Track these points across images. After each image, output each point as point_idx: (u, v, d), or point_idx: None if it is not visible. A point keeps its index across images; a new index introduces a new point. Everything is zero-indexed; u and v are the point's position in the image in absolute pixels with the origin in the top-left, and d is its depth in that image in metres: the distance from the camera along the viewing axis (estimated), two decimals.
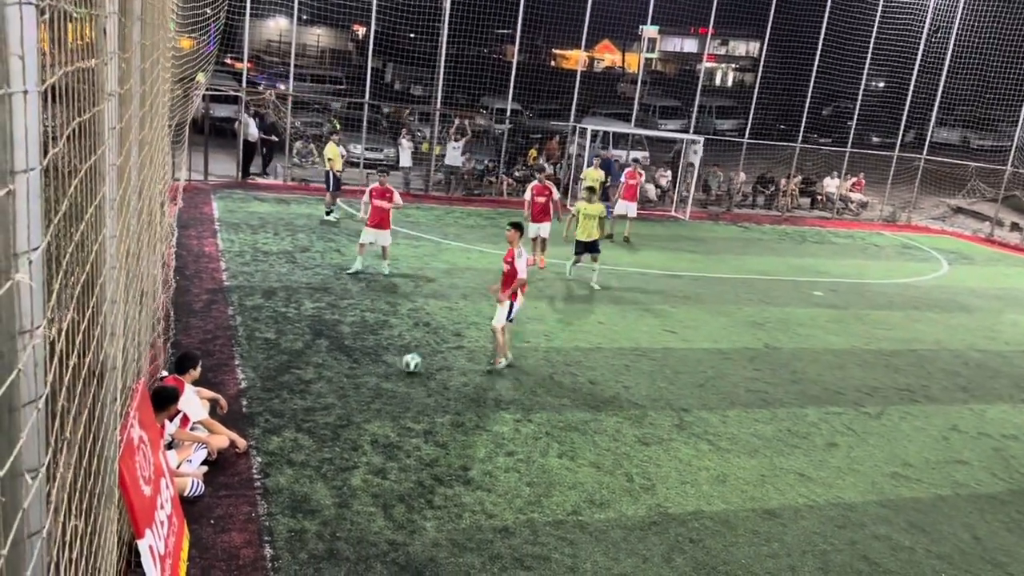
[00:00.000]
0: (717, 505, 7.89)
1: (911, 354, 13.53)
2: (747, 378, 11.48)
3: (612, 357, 11.62)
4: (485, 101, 27.28)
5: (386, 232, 14.40)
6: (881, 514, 8.13)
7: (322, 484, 7.40)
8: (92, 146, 3.40)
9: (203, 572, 6.04)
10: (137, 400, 5.69)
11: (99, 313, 3.52)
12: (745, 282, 17.41)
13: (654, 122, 32.29)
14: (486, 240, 18.39)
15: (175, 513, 6.10)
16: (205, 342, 10.40)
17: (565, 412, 9.59)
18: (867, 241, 24.74)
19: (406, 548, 6.59)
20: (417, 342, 11.24)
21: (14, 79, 1.65)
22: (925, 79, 28.20)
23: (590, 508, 7.55)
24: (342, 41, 40.42)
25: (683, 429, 9.52)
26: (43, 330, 1.89)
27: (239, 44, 23.05)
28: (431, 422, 8.91)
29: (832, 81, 28.00)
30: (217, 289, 12.59)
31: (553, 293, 14.57)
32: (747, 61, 51.73)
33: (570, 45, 34.67)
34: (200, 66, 17.87)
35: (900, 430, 10.33)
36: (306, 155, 23.66)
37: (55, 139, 2.43)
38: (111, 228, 3.85)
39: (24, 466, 1.83)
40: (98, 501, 3.48)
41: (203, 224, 16.76)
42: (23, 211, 1.74)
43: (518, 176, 25.51)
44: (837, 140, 29.74)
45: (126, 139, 4.80)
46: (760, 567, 6.96)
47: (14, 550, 1.81)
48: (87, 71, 3.38)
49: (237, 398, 8.91)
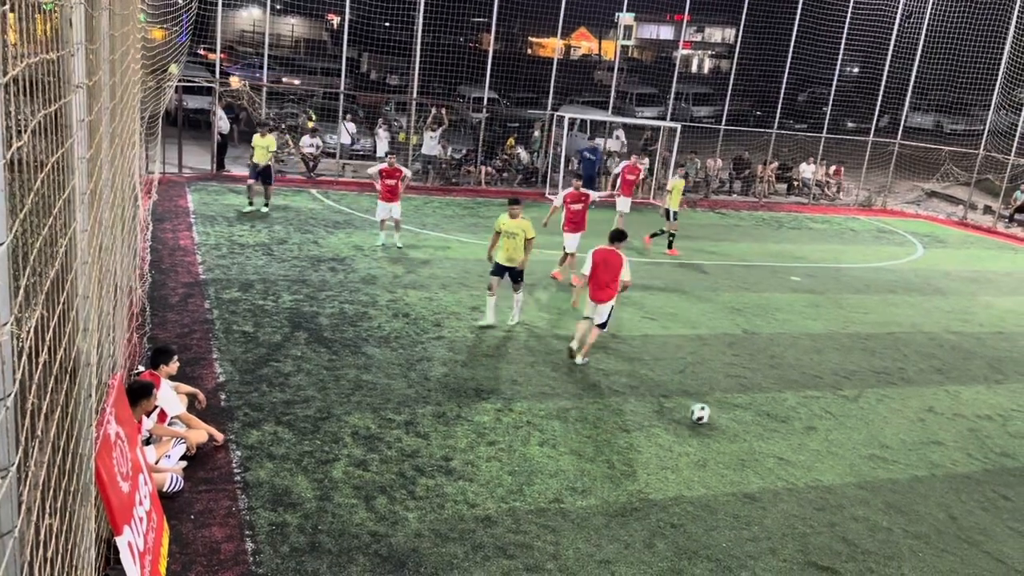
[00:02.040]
0: (698, 490, 7.95)
1: (888, 337, 13.68)
2: (726, 363, 11.56)
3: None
4: (462, 90, 27.15)
5: (397, 205, 15.77)
6: (859, 496, 8.23)
7: (303, 477, 7.36)
8: (61, 139, 3.34)
9: (184, 568, 5.99)
10: (113, 396, 5.63)
11: (71, 308, 3.47)
12: (723, 268, 17.50)
13: (631, 110, 32.31)
14: (465, 230, 18.35)
15: (154, 509, 6.05)
16: (182, 336, 10.30)
17: (546, 401, 9.60)
18: (843, 226, 24.94)
19: (388, 539, 6.58)
20: (397, 333, 11.20)
21: None
22: (899, 64, 28.43)
23: (572, 495, 7.58)
24: (316, 31, 40.04)
25: (663, 415, 9.57)
26: (10, 327, 1.85)
27: (211, 35, 22.76)
28: (412, 413, 8.89)
29: (807, 67, 28.14)
30: (193, 283, 12.46)
31: (533, 281, 14.56)
32: (723, 48, 51.84)
33: (546, 33, 34.56)
34: (172, 57, 17.65)
35: (877, 412, 10.44)
36: (281, 146, 23.45)
37: (20, 133, 2.37)
38: (82, 222, 3.79)
39: None
40: (74, 499, 3.44)
41: (178, 217, 16.58)
42: None
43: (497, 165, 25.45)
44: (813, 126, 29.94)
45: (96, 132, 4.72)
46: (741, 551, 7.02)
47: None
48: (54, 63, 3.31)
49: (215, 392, 8.83)
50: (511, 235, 11.76)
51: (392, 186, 15.61)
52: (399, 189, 15.69)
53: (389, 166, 15.77)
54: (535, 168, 25.88)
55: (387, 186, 15.60)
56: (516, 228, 11.81)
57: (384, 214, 15.82)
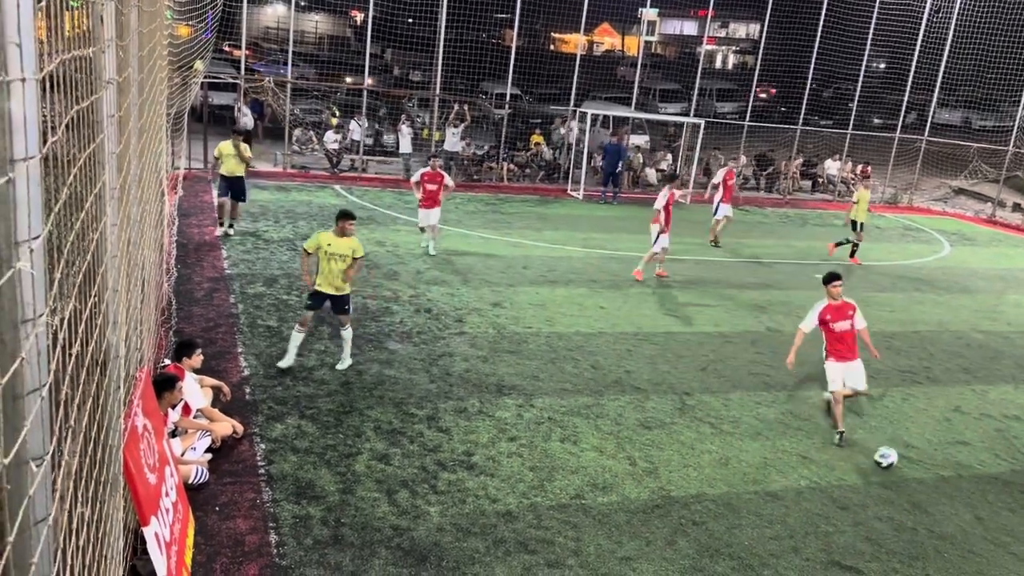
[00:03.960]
0: (720, 488, 7.92)
1: (913, 336, 13.53)
2: (749, 361, 11.49)
3: (614, 342, 11.63)
4: (484, 86, 27.17)
5: (437, 211, 15.19)
6: (884, 495, 8.16)
7: (326, 470, 7.42)
8: (91, 134, 3.40)
9: (209, 559, 6.07)
10: (140, 389, 5.70)
11: (101, 302, 3.52)
12: (747, 265, 17.40)
13: (654, 105, 32.18)
14: (486, 226, 18.38)
15: (180, 500, 6.13)
16: (207, 330, 10.41)
17: (567, 397, 9.60)
18: (869, 223, 24.67)
19: (410, 533, 6.62)
20: (419, 328, 11.25)
21: (12, 67, 1.64)
22: (926, 60, 28.07)
23: (593, 492, 7.58)
24: (340, 27, 40.22)
25: (685, 413, 9.54)
26: (45, 319, 1.89)
27: (237, 31, 22.94)
28: (434, 408, 8.93)
29: (833, 63, 27.87)
30: (219, 277, 12.59)
31: (555, 278, 14.56)
32: (747, 43, 51.48)
33: (569, 29, 34.49)
34: (198, 54, 17.80)
35: (902, 412, 10.34)
36: (305, 142, 23.62)
37: (54, 128, 2.42)
38: (112, 216, 3.84)
39: (29, 454, 1.84)
40: (104, 489, 3.49)
41: (203, 212, 16.74)
42: (23, 199, 1.74)
43: (519, 161, 25.45)
44: (838, 122, 29.65)
45: (125, 127, 4.78)
46: (763, 549, 6.99)
47: (20, 537, 1.82)
48: (85, 59, 3.36)
49: (240, 385, 8.93)
50: (339, 257, 9.33)
51: (433, 191, 14.96)
52: (440, 195, 15.09)
53: (432, 170, 15.12)
54: (557, 164, 25.85)
55: (428, 191, 14.93)
56: (345, 249, 9.34)
57: (424, 221, 15.19)
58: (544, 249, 16.74)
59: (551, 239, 17.69)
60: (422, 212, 15.19)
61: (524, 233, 18.00)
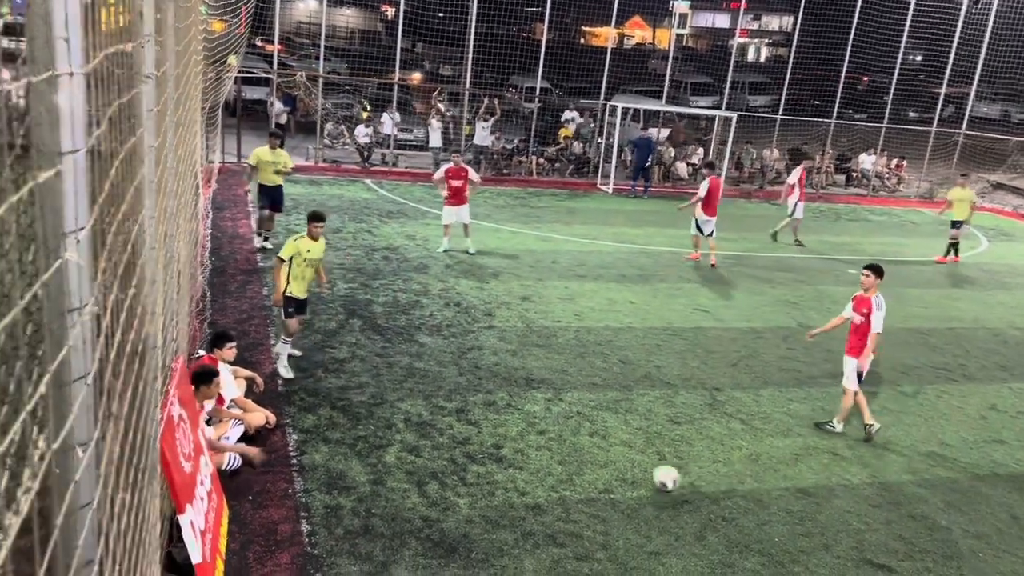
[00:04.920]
0: (750, 484, 7.87)
1: (948, 332, 13.33)
2: (780, 357, 11.40)
3: (643, 336, 11.60)
4: (514, 80, 27.14)
5: (465, 208, 14.90)
6: (917, 493, 8.06)
7: (357, 461, 7.50)
8: (131, 128, 3.46)
9: (242, 547, 6.17)
10: (176, 379, 5.80)
11: (140, 293, 3.59)
12: (778, 260, 17.23)
13: (685, 99, 31.94)
14: (516, 220, 18.39)
15: (214, 489, 6.23)
16: (241, 322, 10.55)
17: (596, 391, 9.60)
18: (904, 218, 24.33)
19: (440, 525, 6.67)
20: (448, 322, 11.30)
21: (60, 61, 1.68)
22: (965, 52, 27.53)
23: (622, 486, 7.57)
24: (371, 22, 40.39)
25: (715, 408, 9.49)
26: (91, 308, 1.94)
27: (269, 26, 23.14)
28: (463, 401, 8.97)
29: (868, 55, 27.44)
30: (252, 270, 12.74)
31: (584, 273, 14.54)
32: (780, 36, 50.87)
33: (600, 22, 34.30)
34: (232, 48, 17.99)
35: (937, 409, 10.20)
36: (336, 136, 23.78)
37: (97, 122, 2.47)
38: (150, 209, 3.91)
39: (75, 440, 1.89)
40: (142, 476, 3.56)
41: (237, 206, 16.94)
42: (70, 191, 1.78)
43: (549, 155, 25.40)
44: (873, 116, 29.21)
45: (162, 121, 4.86)
46: (794, 546, 6.94)
47: (67, 520, 1.87)
48: (123, 54, 3.42)
49: (273, 377, 9.03)
50: (316, 261, 9.23)
51: (458, 188, 14.68)
52: (466, 191, 14.84)
53: (455, 166, 14.83)
54: (587, 158, 25.78)
55: (453, 188, 14.65)
56: (321, 252, 9.29)
57: (451, 218, 14.82)
58: (573, 243, 16.72)
59: (580, 233, 17.66)
60: (449, 209, 14.82)
61: (553, 227, 17.99)
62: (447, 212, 14.91)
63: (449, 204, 14.81)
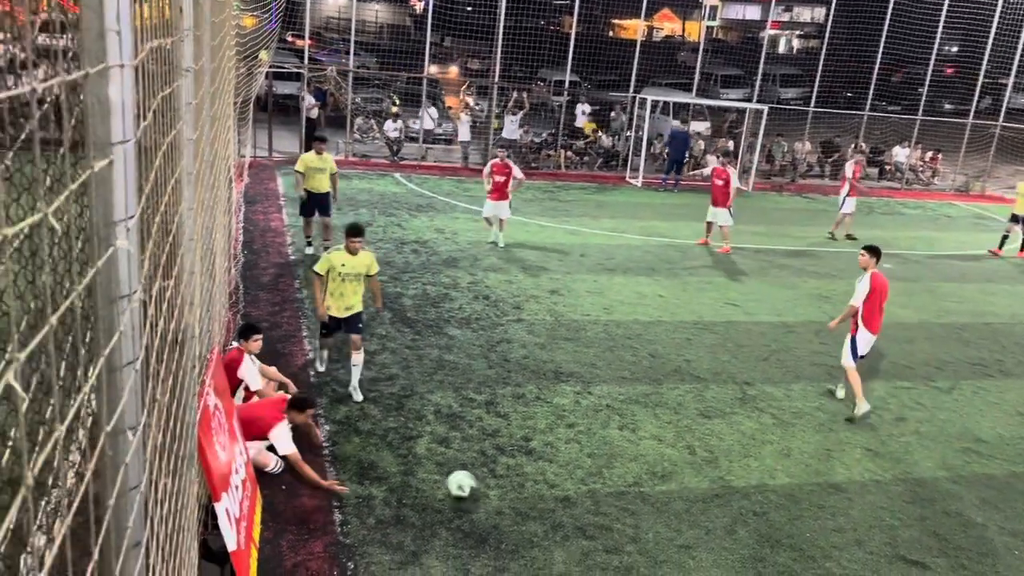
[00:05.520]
0: (781, 479, 7.83)
1: (984, 328, 13.12)
2: (812, 351, 11.30)
3: (673, 330, 11.56)
4: (543, 73, 27.08)
5: (505, 204, 15.01)
6: (952, 490, 7.96)
7: (388, 452, 7.56)
8: (171, 121, 3.52)
9: (276, 535, 6.26)
10: (211, 369, 5.89)
11: (180, 283, 3.66)
12: (810, 254, 17.06)
13: (716, 91, 31.67)
14: (544, 214, 18.38)
15: (249, 478, 6.33)
16: (273, 314, 10.67)
17: (625, 385, 9.59)
18: (938, 212, 23.96)
19: (470, 516, 6.72)
20: (477, 315, 11.34)
21: (111, 53, 1.72)
22: (1002, 42, 26.98)
23: (652, 480, 7.57)
24: (400, 16, 40.52)
25: (746, 403, 9.44)
26: (139, 295, 1.99)
27: (300, 21, 23.30)
28: (492, 393, 9.01)
29: (902, 46, 26.98)
30: (284, 263, 12.87)
31: (613, 266, 14.51)
32: (812, 27, 50.24)
33: (629, 14, 34.14)
34: (263, 44, 18.15)
35: (972, 405, 10.06)
36: (366, 131, 23.90)
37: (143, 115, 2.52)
38: (189, 201, 3.98)
39: (125, 424, 1.94)
40: (181, 463, 3.63)
41: (269, 200, 17.11)
42: (120, 181, 1.83)
43: (578, 148, 25.34)
44: (907, 108, 28.74)
45: (199, 114, 4.93)
46: (825, 541, 6.90)
47: (118, 502, 1.92)
48: (162, 49, 3.48)
49: (305, 368, 9.14)
50: (353, 277, 8.54)
51: (501, 184, 14.79)
52: (508, 187, 14.86)
53: (500, 161, 14.90)
54: (616, 151, 25.67)
55: (496, 183, 14.80)
56: (360, 267, 8.56)
57: (489, 212, 15.03)
58: (602, 237, 16.68)
59: (609, 227, 17.61)
60: (489, 204, 15.01)
61: (582, 221, 17.95)
62: (487, 206, 15.14)
63: (490, 198, 14.98)
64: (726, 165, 16.64)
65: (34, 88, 1.29)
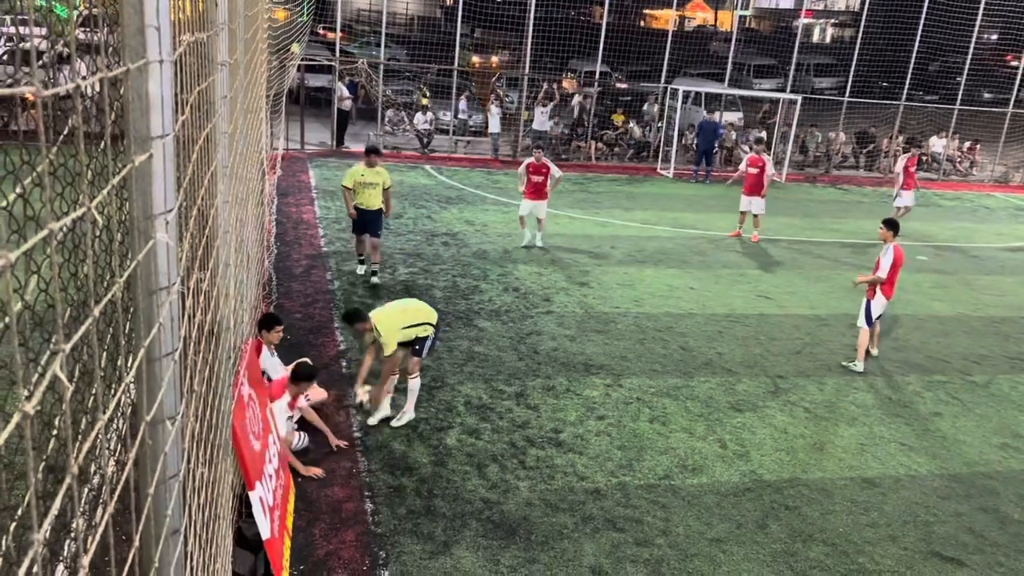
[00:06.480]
0: (814, 473, 7.76)
1: (1023, 321, 12.88)
2: (845, 345, 11.16)
3: (704, 323, 11.48)
4: (573, 64, 26.97)
5: (542, 204, 14.49)
6: (989, 486, 7.84)
7: (419, 443, 7.61)
8: (206, 115, 3.56)
9: (308, 524, 6.33)
10: (246, 359, 5.97)
11: (216, 275, 3.71)
12: (844, 246, 16.84)
13: (748, 82, 31.30)
14: (574, 205, 18.33)
15: (282, 467, 6.41)
16: (305, 306, 10.77)
17: (656, 378, 9.55)
18: (976, 203, 23.51)
19: (500, 507, 6.74)
20: (507, 307, 11.35)
21: (151, 49, 1.75)
22: None
23: (682, 473, 7.54)
24: (431, 8, 40.54)
25: (778, 396, 9.36)
26: (178, 287, 2.02)
27: (331, 15, 23.41)
28: (522, 385, 9.02)
29: (940, 34, 26.46)
30: (316, 255, 12.99)
31: (644, 258, 14.44)
32: (847, 16, 49.43)
33: (660, 4, 33.85)
34: (295, 37, 18.26)
35: (1010, 400, 9.88)
36: (397, 123, 23.99)
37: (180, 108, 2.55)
38: (224, 194, 4.03)
39: (164, 413, 1.98)
40: (217, 452, 3.69)
41: (301, 192, 17.26)
42: (159, 174, 1.85)
43: (608, 139, 25.22)
44: (945, 97, 28.19)
45: (234, 108, 4.98)
46: (859, 536, 6.83)
47: (158, 490, 1.96)
48: (198, 43, 3.51)
49: (337, 359, 9.22)
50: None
51: (539, 183, 14.28)
52: (546, 187, 14.40)
53: (536, 161, 14.34)
54: (647, 142, 25.51)
55: (533, 183, 14.26)
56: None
57: (526, 211, 14.46)
58: (633, 229, 16.60)
59: (640, 219, 17.52)
60: (527, 203, 14.43)
61: (612, 212, 17.88)
62: (523, 204, 14.56)
63: (527, 198, 14.44)
64: (760, 153, 16.50)
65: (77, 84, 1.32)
